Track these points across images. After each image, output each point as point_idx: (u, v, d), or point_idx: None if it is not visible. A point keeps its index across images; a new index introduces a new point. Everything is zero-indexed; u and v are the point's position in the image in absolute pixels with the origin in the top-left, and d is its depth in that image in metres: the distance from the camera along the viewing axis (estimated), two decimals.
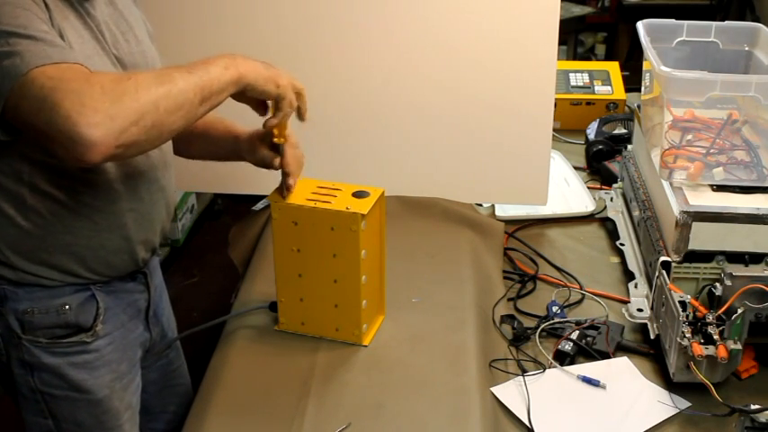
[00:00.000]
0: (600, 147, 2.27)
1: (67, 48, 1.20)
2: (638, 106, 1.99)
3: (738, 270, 1.45)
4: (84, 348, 1.43)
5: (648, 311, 1.59)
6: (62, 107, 1.09)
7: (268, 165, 1.51)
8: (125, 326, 1.50)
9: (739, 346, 1.36)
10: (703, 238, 1.50)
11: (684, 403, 1.42)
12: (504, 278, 1.80)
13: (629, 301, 1.65)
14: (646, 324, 1.57)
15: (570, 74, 2.59)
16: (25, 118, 1.14)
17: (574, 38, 5.07)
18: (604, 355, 1.53)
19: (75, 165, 1.24)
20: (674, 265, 1.52)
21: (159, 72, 1.22)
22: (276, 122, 1.40)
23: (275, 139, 1.45)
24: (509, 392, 1.44)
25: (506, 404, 1.42)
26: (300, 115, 1.42)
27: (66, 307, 1.40)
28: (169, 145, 1.51)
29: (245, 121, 1.50)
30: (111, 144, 1.11)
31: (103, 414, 1.48)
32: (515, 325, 1.61)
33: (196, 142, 1.61)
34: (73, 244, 1.37)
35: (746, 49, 1.85)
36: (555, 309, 1.66)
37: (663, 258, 1.52)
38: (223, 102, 1.29)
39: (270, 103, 1.39)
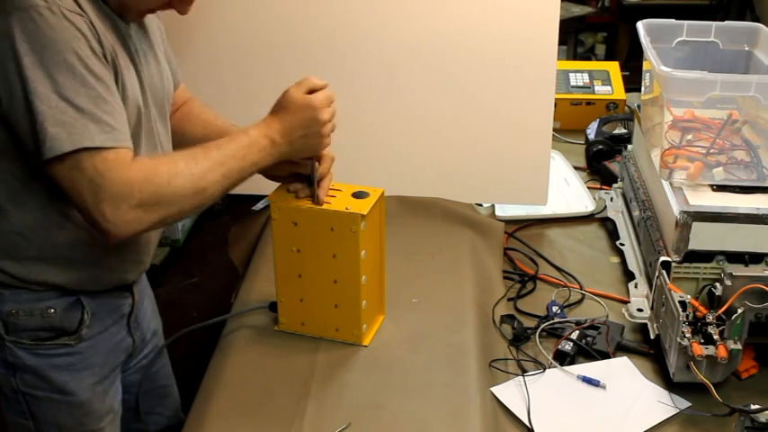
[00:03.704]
0: (600, 147, 2.26)
1: (109, 123, 1.22)
2: (638, 106, 1.99)
3: (738, 270, 1.45)
4: (68, 351, 1.43)
5: (648, 311, 1.59)
6: (100, 206, 1.21)
7: (294, 173, 1.50)
8: (109, 330, 1.50)
9: (739, 346, 1.36)
10: (703, 238, 1.50)
11: (684, 403, 1.42)
12: (504, 278, 1.80)
13: (629, 301, 1.65)
14: (646, 324, 1.57)
15: (570, 74, 2.59)
16: (64, 186, 1.23)
17: (574, 38, 5.07)
18: (604, 355, 1.53)
19: None
20: (674, 265, 1.52)
21: (198, 177, 1.28)
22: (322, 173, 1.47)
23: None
24: (509, 392, 1.44)
25: (506, 404, 1.42)
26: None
27: (52, 310, 1.40)
28: None
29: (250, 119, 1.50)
30: (130, 236, 1.25)
31: (85, 416, 1.48)
32: (515, 325, 1.61)
33: None
34: (71, 257, 1.37)
35: (746, 49, 1.85)
36: (555, 309, 1.66)
37: (663, 258, 1.52)
38: None
39: None
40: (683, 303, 1.42)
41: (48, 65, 1.18)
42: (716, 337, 1.37)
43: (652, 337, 1.53)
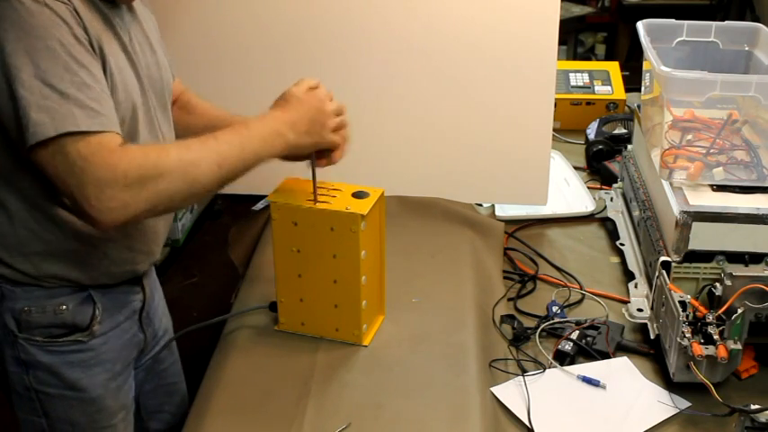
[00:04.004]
0: (600, 147, 2.27)
1: (95, 108, 1.21)
2: (638, 106, 1.99)
3: (738, 270, 1.45)
4: (80, 347, 1.43)
5: (648, 311, 1.59)
6: (85, 189, 1.17)
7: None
8: (120, 326, 1.50)
9: (739, 346, 1.36)
10: (703, 238, 1.50)
11: (684, 403, 1.42)
12: (504, 278, 1.80)
13: (629, 301, 1.65)
14: (646, 324, 1.57)
15: (570, 74, 2.59)
16: (50, 173, 1.21)
17: (574, 38, 5.07)
18: (604, 355, 1.53)
19: None
20: (674, 265, 1.52)
21: (189, 162, 1.24)
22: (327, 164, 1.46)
23: None
24: (509, 392, 1.44)
25: (506, 404, 1.42)
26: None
27: (63, 307, 1.40)
28: None
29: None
30: (118, 223, 1.20)
31: (97, 413, 1.49)
32: (515, 325, 1.61)
33: None
34: (78, 251, 1.37)
35: (746, 49, 1.85)
36: (555, 309, 1.66)
37: (663, 258, 1.52)
38: None
39: None
40: (683, 303, 1.42)
41: (30, 52, 1.17)
42: (716, 337, 1.37)
43: (652, 337, 1.53)
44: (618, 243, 1.88)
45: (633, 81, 2.50)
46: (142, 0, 1.50)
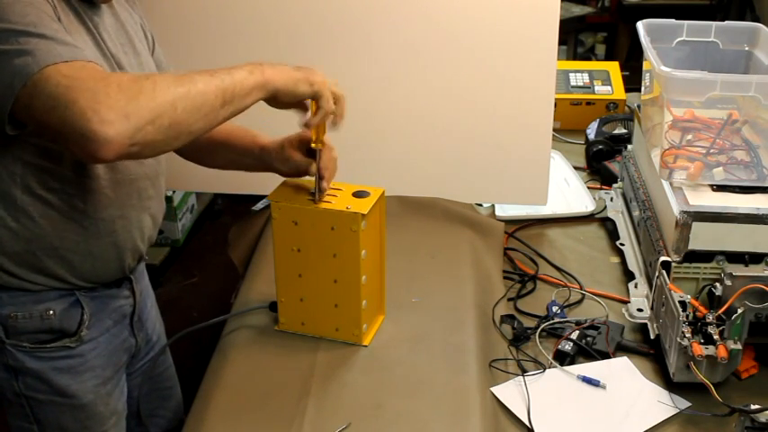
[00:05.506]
0: (600, 147, 2.27)
1: (78, 46, 1.19)
2: (638, 106, 1.99)
3: (738, 270, 1.45)
4: (69, 353, 1.43)
5: (648, 311, 1.59)
6: (77, 105, 1.07)
7: (302, 172, 1.50)
8: (110, 331, 1.49)
9: (739, 346, 1.36)
10: (703, 238, 1.50)
11: (684, 403, 1.42)
12: (504, 278, 1.80)
13: (629, 301, 1.65)
14: (646, 324, 1.57)
15: (570, 74, 2.59)
16: (38, 116, 1.12)
17: (574, 38, 5.07)
18: (604, 355, 1.53)
19: (89, 162, 1.26)
20: (674, 265, 1.52)
21: (179, 74, 1.19)
22: (317, 120, 1.37)
23: (313, 144, 1.43)
24: (509, 392, 1.44)
25: (506, 404, 1.42)
26: (334, 121, 1.39)
27: (51, 312, 1.39)
28: (165, 155, 1.51)
29: (268, 128, 1.50)
30: (125, 143, 1.09)
31: (88, 419, 1.48)
32: (515, 325, 1.61)
33: (218, 152, 1.59)
34: (61, 248, 1.36)
35: (746, 49, 1.85)
36: (555, 309, 1.66)
37: (663, 258, 1.52)
38: (249, 107, 1.27)
39: (308, 103, 1.37)
40: (683, 303, 1.42)
41: (5, 18, 1.14)
42: (716, 337, 1.37)
43: (652, 337, 1.53)
44: (618, 243, 1.88)
45: (633, 81, 2.50)
46: (132, 6, 1.50)
